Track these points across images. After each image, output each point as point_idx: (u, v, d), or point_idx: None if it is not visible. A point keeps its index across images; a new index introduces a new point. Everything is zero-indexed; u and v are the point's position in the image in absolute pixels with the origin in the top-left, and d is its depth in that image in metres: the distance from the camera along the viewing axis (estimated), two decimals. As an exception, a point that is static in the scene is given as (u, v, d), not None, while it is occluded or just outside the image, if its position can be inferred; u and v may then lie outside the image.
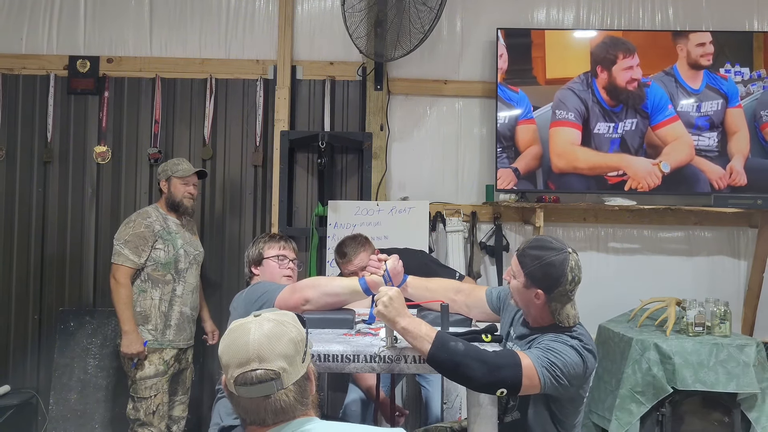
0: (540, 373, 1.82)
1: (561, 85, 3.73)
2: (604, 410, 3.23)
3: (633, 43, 3.75)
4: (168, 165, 3.32)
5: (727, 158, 3.71)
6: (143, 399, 3.07)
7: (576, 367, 1.87)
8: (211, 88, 3.90)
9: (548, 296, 1.93)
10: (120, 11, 3.94)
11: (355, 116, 3.95)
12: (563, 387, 1.85)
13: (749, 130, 3.71)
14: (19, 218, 3.87)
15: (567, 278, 1.91)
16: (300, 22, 3.97)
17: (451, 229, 3.83)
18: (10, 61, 3.88)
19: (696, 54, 3.73)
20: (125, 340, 3.04)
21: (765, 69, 3.73)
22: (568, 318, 1.95)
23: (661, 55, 3.75)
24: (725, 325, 3.16)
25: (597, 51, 3.75)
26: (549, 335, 1.94)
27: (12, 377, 3.80)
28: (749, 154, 3.71)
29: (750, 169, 3.71)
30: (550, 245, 1.96)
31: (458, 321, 2.28)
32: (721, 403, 3.08)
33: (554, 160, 3.71)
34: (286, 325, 1.33)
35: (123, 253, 3.10)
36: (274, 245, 2.62)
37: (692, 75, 3.73)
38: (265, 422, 1.30)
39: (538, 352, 1.87)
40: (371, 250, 2.94)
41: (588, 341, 1.95)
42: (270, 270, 2.57)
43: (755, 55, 3.75)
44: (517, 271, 1.99)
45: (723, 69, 3.73)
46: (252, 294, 2.31)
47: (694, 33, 3.77)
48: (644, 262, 3.93)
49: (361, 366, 1.92)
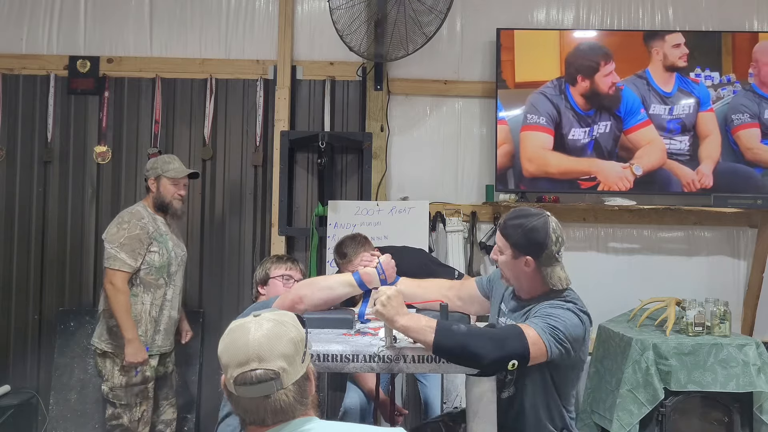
0: (545, 340, 1.85)
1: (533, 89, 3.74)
2: (604, 410, 3.23)
3: (609, 47, 3.74)
4: (158, 162, 3.16)
5: (698, 162, 3.71)
6: (127, 406, 2.96)
7: (576, 328, 1.91)
8: (211, 88, 3.90)
9: (537, 261, 1.99)
10: (120, 11, 3.94)
11: (355, 116, 3.95)
12: (566, 351, 1.88)
13: (721, 133, 3.71)
14: (19, 218, 3.87)
15: (552, 239, 1.98)
16: (300, 22, 3.97)
17: (451, 229, 3.83)
18: (10, 61, 3.88)
19: (674, 56, 3.72)
20: (130, 348, 2.90)
21: (734, 73, 3.72)
22: (561, 280, 2.00)
23: (634, 58, 3.74)
24: (725, 325, 3.16)
25: (573, 59, 3.74)
26: (544, 303, 1.97)
27: (12, 377, 3.80)
28: (720, 158, 3.70)
29: (721, 172, 3.69)
30: (529, 212, 2.04)
31: (457, 319, 2.28)
32: (720, 403, 3.08)
33: (525, 164, 3.72)
34: (285, 325, 1.33)
35: (119, 258, 2.95)
36: (281, 266, 2.66)
37: (665, 78, 3.73)
38: (264, 422, 1.30)
39: (538, 320, 1.89)
40: (371, 250, 2.94)
41: (581, 304, 1.99)
42: (275, 289, 2.59)
43: (724, 59, 3.75)
44: (502, 245, 2.04)
45: (693, 73, 3.73)
46: (254, 306, 2.34)
47: (671, 34, 3.75)
48: (644, 262, 3.92)
49: (361, 366, 1.92)
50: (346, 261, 2.90)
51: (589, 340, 2.05)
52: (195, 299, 3.86)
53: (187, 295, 3.78)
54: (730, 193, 3.66)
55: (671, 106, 3.72)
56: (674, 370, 2.97)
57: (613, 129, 3.72)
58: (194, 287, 3.86)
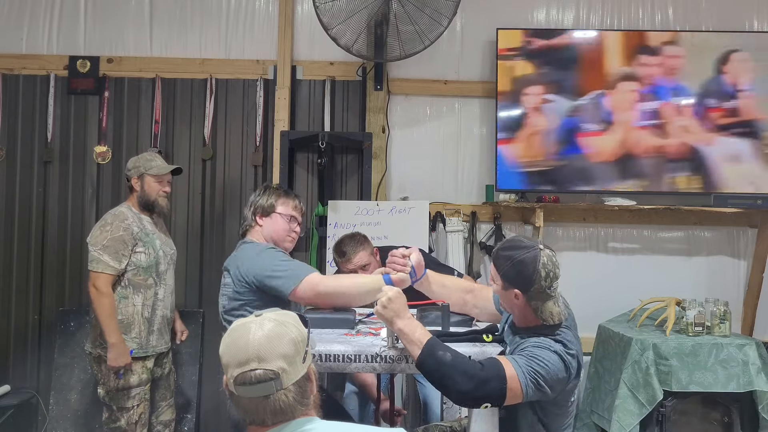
0: (523, 383, 1.80)
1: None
2: (603, 410, 3.23)
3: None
4: (140, 161, 3.07)
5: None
6: (125, 409, 2.90)
7: (559, 373, 1.85)
8: (211, 88, 3.90)
9: (526, 295, 1.91)
10: (120, 11, 3.94)
11: (355, 116, 3.95)
12: (544, 394, 1.85)
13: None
14: (19, 218, 3.87)
15: (540, 275, 1.88)
16: (300, 22, 3.97)
17: (451, 229, 3.83)
18: (10, 61, 3.88)
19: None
20: (112, 352, 2.82)
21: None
22: (552, 315, 1.92)
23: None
24: (725, 325, 3.16)
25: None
26: (533, 340, 1.91)
27: (12, 377, 3.80)
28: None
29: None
30: (521, 244, 1.95)
31: (459, 321, 2.28)
32: (721, 403, 3.08)
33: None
34: (286, 326, 1.33)
35: (102, 260, 2.86)
36: (289, 202, 2.53)
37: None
38: (264, 422, 1.30)
39: (522, 361, 1.84)
40: (370, 249, 2.95)
41: (572, 346, 1.92)
42: (277, 226, 2.50)
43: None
44: (494, 274, 1.99)
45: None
46: (264, 262, 2.34)
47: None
48: (644, 262, 3.93)
49: (362, 366, 1.93)
50: (345, 260, 2.90)
51: (576, 383, 1.98)
52: (195, 299, 3.86)
53: (186, 295, 3.79)
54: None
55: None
56: (675, 371, 2.97)
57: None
58: (194, 287, 3.86)
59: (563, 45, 3.77)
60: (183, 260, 3.75)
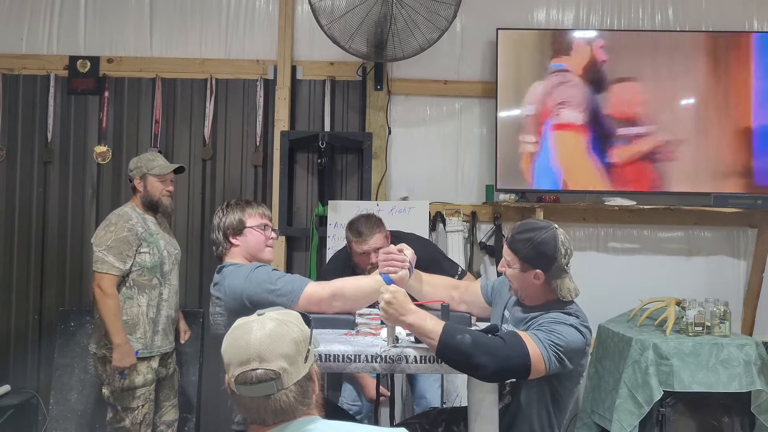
0: (545, 356, 1.85)
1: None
2: (604, 410, 3.23)
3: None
4: (142, 161, 3.08)
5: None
6: (129, 409, 2.90)
7: (577, 344, 1.92)
8: (211, 88, 3.90)
9: (547, 274, 1.98)
10: (120, 11, 3.94)
11: (355, 116, 3.95)
12: (564, 366, 1.89)
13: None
14: (19, 218, 3.86)
15: (561, 251, 1.98)
16: (300, 22, 3.97)
17: (451, 229, 3.83)
18: (10, 61, 3.88)
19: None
20: (117, 353, 2.83)
21: None
22: (570, 292, 2.01)
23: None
24: (725, 325, 3.16)
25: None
26: (548, 316, 1.96)
27: (12, 377, 3.80)
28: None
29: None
30: (536, 225, 2.03)
31: (458, 319, 2.27)
32: (720, 404, 3.08)
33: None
34: (288, 325, 1.33)
35: (107, 261, 2.87)
36: (255, 212, 2.38)
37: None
38: (265, 422, 1.30)
39: (543, 335, 1.89)
40: (385, 232, 2.92)
41: (584, 318, 2.00)
42: (255, 240, 2.35)
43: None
44: (511, 259, 2.03)
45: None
46: (255, 287, 2.17)
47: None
48: (644, 262, 3.93)
49: (363, 366, 1.92)
50: (361, 240, 2.85)
51: (589, 353, 2.06)
52: (195, 299, 3.86)
53: (187, 295, 3.79)
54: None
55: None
56: (677, 371, 2.97)
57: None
58: (194, 287, 3.86)
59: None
60: (183, 260, 3.72)
